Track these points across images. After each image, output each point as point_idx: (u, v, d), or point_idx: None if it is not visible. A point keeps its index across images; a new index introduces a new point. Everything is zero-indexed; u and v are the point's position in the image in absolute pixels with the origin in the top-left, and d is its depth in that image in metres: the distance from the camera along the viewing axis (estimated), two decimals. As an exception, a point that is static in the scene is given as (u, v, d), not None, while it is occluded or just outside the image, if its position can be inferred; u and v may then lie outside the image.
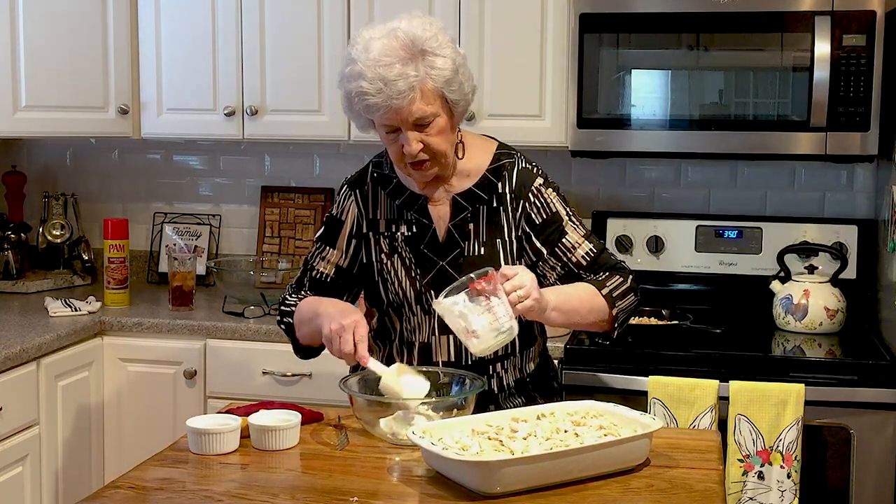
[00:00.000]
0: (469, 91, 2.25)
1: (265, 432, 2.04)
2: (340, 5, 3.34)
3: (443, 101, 2.19)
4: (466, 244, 2.29)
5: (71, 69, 3.39)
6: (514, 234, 2.30)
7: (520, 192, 2.31)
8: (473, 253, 2.28)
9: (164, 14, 3.48)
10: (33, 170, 3.99)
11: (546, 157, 3.52)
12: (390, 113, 2.15)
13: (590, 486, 1.84)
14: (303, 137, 3.49)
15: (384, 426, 2.04)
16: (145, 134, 3.55)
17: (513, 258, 2.30)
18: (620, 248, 3.48)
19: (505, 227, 2.30)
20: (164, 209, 3.95)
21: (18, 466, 2.91)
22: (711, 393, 2.78)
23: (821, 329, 3.13)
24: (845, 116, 2.98)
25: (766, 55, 3.06)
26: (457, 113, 2.25)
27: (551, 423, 1.96)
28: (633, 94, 3.16)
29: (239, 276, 3.55)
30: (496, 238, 2.30)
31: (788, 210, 3.49)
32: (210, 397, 3.25)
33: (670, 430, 2.32)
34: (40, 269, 3.84)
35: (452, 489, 1.81)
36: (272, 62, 3.41)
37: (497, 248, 2.29)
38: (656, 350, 2.95)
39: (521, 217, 2.31)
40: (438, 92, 2.17)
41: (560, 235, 2.30)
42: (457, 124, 2.29)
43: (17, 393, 2.89)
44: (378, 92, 2.12)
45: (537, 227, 2.30)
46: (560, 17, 3.21)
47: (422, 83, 2.14)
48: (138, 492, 1.83)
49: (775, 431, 2.76)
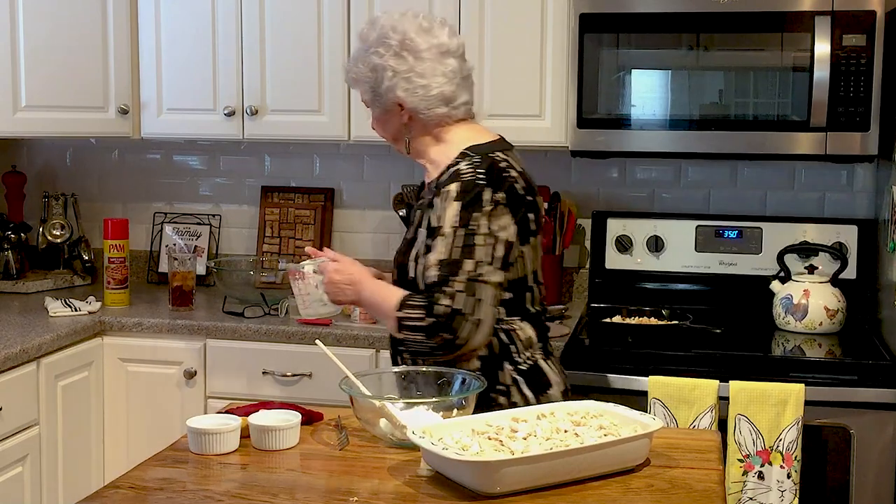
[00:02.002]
0: (388, 99, 2.38)
1: (265, 432, 2.04)
2: (340, 5, 3.34)
3: (371, 96, 2.42)
4: (408, 230, 2.43)
5: (71, 69, 3.39)
6: (424, 229, 2.33)
7: (437, 192, 2.31)
8: (407, 238, 2.41)
9: (164, 14, 3.48)
10: (33, 170, 3.99)
11: (546, 157, 3.53)
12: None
13: (590, 486, 1.84)
14: (303, 137, 3.49)
15: (384, 426, 2.04)
16: (145, 134, 3.55)
17: (417, 251, 2.33)
18: (620, 248, 3.48)
19: (424, 221, 2.33)
20: (164, 209, 3.95)
21: (18, 466, 2.91)
22: (711, 393, 2.78)
23: (821, 329, 3.13)
24: (845, 116, 2.98)
25: (766, 55, 3.06)
26: (376, 110, 2.44)
27: (551, 423, 1.96)
28: (633, 94, 3.16)
29: (239, 276, 3.55)
30: (418, 229, 2.35)
31: (788, 210, 3.49)
32: (210, 397, 3.25)
33: (670, 430, 2.32)
34: (40, 269, 3.84)
35: (452, 489, 1.81)
36: (272, 62, 3.41)
37: (416, 238, 2.35)
38: (656, 350, 2.95)
39: (427, 216, 2.32)
40: (361, 86, 2.43)
41: (428, 249, 2.28)
42: (389, 120, 2.42)
43: (17, 393, 2.89)
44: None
45: (428, 229, 2.30)
46: (560, 17, 3.21)
47: (350, 73, 2.45)
48: (138, 492, 1.83)
49: (775, 431, 2.76)
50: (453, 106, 2.39)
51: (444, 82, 2.36)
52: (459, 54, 2.40)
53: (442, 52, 2.36)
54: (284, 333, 3.18)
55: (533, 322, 2.40)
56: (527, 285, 2.37)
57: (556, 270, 3.50)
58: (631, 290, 3.47)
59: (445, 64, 2.36)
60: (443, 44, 2.36)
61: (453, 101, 2.38)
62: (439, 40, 2.35)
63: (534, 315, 2.40)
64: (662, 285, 3.46)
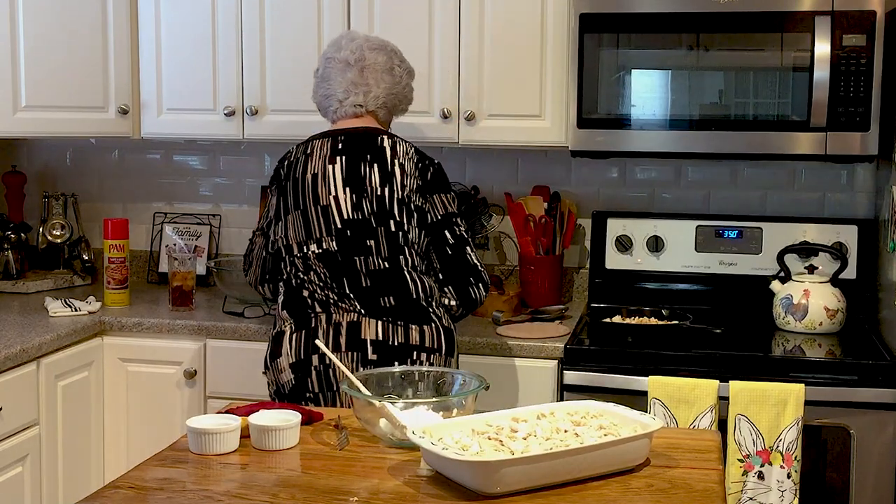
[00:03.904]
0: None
1: (265, 432, 2.04)
2: (340, 5, 3.34)
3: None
4: None
5: (71, 69, 3.39)
6: None
7: None
8: None
9: (164, 14, 3.48)
10: (33, 170, 3.99)
11: (546, 157, 3.54)
12: None
13: (590, 486, 1.84)
14: (302, 137, 3.46)
15: (384, 426, 2.04)
16: (145, 134, 3.55)
17: None
18: (620, 248, 3.48)
19: None
20: (164, 209, 3.95)
21: (18, 466, 2.91)
22: (711, 393, 2.78)
23: (821, 329, 3.13)
24: (845, 116, 2.98)
25: (766, 55, 3.06)
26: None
27: (551, 423, 1.96)
28: (633, 94, 3.16)
29: (239, 276, 3.53)
30: None
31: (788, 210, 3.49)
32: (210, 397, 3.25)
33: (670, 430, 2.32)
34: (40, 269, 3.84)
35: (452, 489, 1.81)
36: (272, 62, 3.41)
37: None
38: (656, 350, 2.95)
39: None
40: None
41: None
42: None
43: (17, 393, 2.89)
44: None
45: None
46: (560, 17, 3.21)
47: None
48: (138, 492, 1.83)
49: (775, 431, 2.76)
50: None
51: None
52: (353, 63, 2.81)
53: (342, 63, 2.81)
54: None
55: (286, 289, 2.74)
56: (281, 257, 2.75)
57: (557, 270, 3.50)
58: (631, 290, 3.47)
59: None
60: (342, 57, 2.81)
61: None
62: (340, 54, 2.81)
63: (286, 282, 2.74)
64: (662, 285, 3.46)
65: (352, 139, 2.74)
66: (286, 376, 2.67)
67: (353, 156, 2.71)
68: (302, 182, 2.72)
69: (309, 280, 2.70)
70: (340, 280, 2.67)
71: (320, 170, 2.71)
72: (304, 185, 2.71)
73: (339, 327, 2.64)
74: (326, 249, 2.67)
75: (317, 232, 2.68)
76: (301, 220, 2.70)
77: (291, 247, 2.72)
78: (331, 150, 2.73)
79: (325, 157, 2.73)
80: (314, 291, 2.69)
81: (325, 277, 2.68)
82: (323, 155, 2.73)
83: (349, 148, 2.73)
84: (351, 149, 2.73)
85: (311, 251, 2.69)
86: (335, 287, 2.67)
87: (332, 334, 2.64)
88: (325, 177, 2.70)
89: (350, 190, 2.68)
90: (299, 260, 2.71)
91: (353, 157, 2.71)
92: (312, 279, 2.69)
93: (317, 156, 2.74)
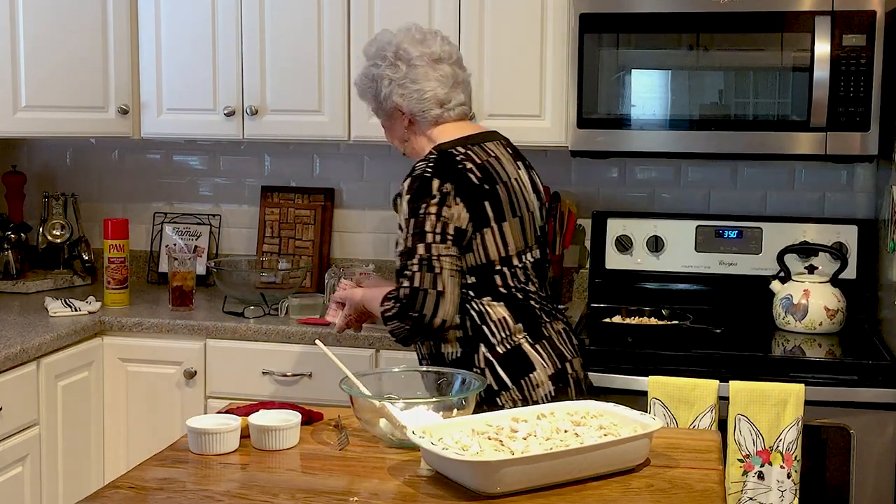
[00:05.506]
0: (388, 105, 2.61)
1: (265, 432, 2.04)
2: (340, 5, 3.34)
3: (375, 105, 2.66)
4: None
5: (71, 69, 3.39)
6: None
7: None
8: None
9: (164, 14, 3.48)
10: (33, 170, 3.99)
11: (546, 157, 3.53)
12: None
13: (590, 486, 1.84)
14: (302, 137, 3.49)
15: (384, 426, 2.04)
16: (145, 134, 3.55)
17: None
18: (620, 248, 3.48)
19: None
20: (164, 209, 3.95)
21: (18, 466, 2.91)
22: (711, 393, 2.78)
23: (821, 329, 3.13)
24: (845, 116, 2.98)
25: (766, 55, 3.06)
26: (381, 119, 2.68)
27: (551, 423, 1.96)
28: (633, 94, 3.16)
29: (239, 276, 3.55)
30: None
31: (788, 210, 3.49)
32: (210, 397, 3.25)
33: (670, 430, 2.32)
34: (40, 269, 3.84)
35: (452, 489, 1.81)
36: (272, 62, 3.41)
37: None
38: (656, 350, 2.95)
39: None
40: (366, 98, 2.68)
41: (397, 244, 2.46)
42: (393, 126, 2.65)
43: (17, 393, 2.89)
44: None
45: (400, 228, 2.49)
46: (560, 17, 3.21)
47: (357, 86, 2.70)
48: (138, 492, 1.83)
49: (775, 431, 2.76)
50: (447, 108, 2.59)
51: (437, 86, 2.57)
52: (453, 61, 2.62)
53: (434, 60, 2.58)
54: (284, 333, 3.18)
55: (507, 303, 2.47)
56: (494, 269, 2.47)
57: (556, 270, 3.50)
58: (631, 290, 3.47)
59: (438, 69, 2.58)
60: (434, 52, 2.58)
61: (447, 103, 2.59)
62: (431, 49, 2.58)
63: (507, 296, 2.48)
64: (662, 285, 3.46)
65: (508, 142, 2.67)
66: (544, 389, 2.46)
67: (521, 159, 2.66)
68: (510, 187, 2.53)
69: (529, 289, 2.54)
70: (545, 286, 2.62)
71: (515, 174, 2.57)
72: (513, 190, 2.54)
73: (562, 335, 2.56)
74: (538, 258, 2.59)
75: (531, 239, 2.57)
76: (519, 228, 2.53)
77: (510, 257, 2.51)
78: (512, 153, 2.62)
79: (511, 160, 2.59)
80: (535, 300, 2.54)
81: (536, 287, 2.57)
82: (508, 158, 2.58)
83: (514, 151, 2.66)
84: (516, 152, 2.66)
85: (528, 259, 2.55)
86: (541, 293, 2.59)
87: (563, 342, 2.55)
88: (521, 181, 2.59)
89: (535, 195, 2.64)
90: (520, 270, 2.53)
91: (522, 160, 2.65)
92: (530, 288, 2.54)
93: (503, 159, 2.57)
